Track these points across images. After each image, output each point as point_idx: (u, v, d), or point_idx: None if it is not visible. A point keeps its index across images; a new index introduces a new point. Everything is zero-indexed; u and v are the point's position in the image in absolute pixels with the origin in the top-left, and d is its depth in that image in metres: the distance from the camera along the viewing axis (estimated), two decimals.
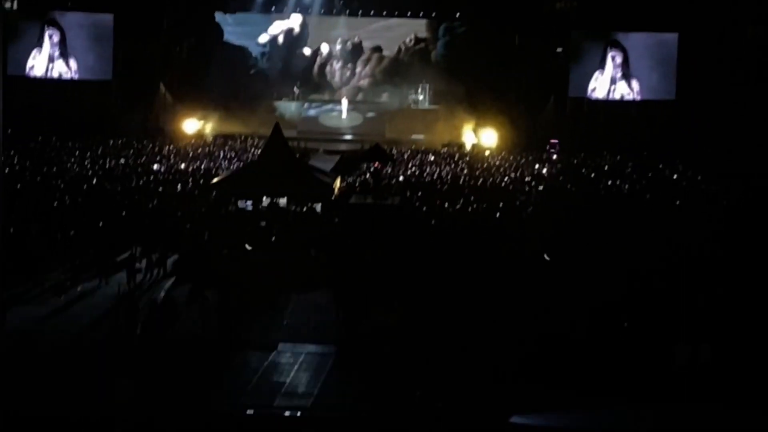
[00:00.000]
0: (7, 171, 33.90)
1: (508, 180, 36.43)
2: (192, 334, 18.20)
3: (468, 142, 48.89)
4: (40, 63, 51.27)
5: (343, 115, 55.35)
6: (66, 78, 51.41)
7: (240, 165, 38.20)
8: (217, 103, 51.94)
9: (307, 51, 58.77)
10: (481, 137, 48.82)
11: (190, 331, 18.35)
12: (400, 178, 36.03)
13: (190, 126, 50.11)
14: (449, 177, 36.84)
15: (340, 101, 55.74)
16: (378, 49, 58.44)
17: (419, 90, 56.40)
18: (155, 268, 22.85)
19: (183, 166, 37.92)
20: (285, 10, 57.28)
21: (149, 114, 51.39)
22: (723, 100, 46.72)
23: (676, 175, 39.51)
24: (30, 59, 51.02)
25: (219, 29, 57.28)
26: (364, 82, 58.35)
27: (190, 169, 37.14)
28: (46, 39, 51.02)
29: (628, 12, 48.92)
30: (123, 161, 38.69)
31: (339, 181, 32.26)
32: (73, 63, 51.21)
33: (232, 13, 57.11)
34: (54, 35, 51.06)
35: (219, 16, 57.02)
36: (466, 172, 38.52)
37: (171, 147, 44.23)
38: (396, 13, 56.81)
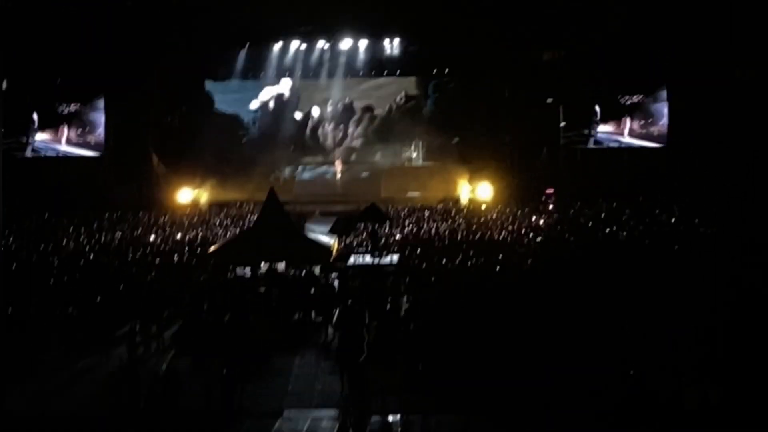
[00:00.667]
0: (1, 251, 33.92)
1: (506, 233, 36.33)
2: (196, 406, 18.04)
3: (464, 197, 48.86)
4: (34, 141, 51.44)
5: (338, 176, 55.42)
6: (59, 154, 51.51)
7: (237, 232, 38.16)
8: (211, 171, 51.94)
9: (298, 115, 58.97)
10: (477, 191, 48.80)
11: (195, 402, 18.17)
12: (398, 237, 35.97)
13: (185, 195, 50.11)
14: (447, 233, 36.76)
15: (333, 163, 55.79)
16: (369, 108, 58.62)
17: (412, 147, 56.50)
18: (156, 341, 22.71)
19: (179, 236, 37.82)
20: (274, 75, 57.56)
21: (143, 185, 51.35)
22: (714, 142, 46.80)
23: (674, 219, 39.39)
24: (23, 138, 51.23)
25: (209, 98, 57.51)
26: (356, 143, 58.44)
27: (187, 238, 37.05)
28: (38, 118, 51.24)
29: (617, 59, 49.11)
30: (119, 234, 38.55)
31: (336, 243, 32.14)
32: (65, 139, 51.35)
33: (222, 81, 57.36)
34: (45, 114, 51.29)
35: (209, 85, 57.27)
36: (464, 227, 38.43)
37: (166, 217, 44.15)
38: (385, 72, 57.08)
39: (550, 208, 44.79)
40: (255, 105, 58.43)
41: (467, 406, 17.38)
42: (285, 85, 58.17)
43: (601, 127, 51.12)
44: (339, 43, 54.97)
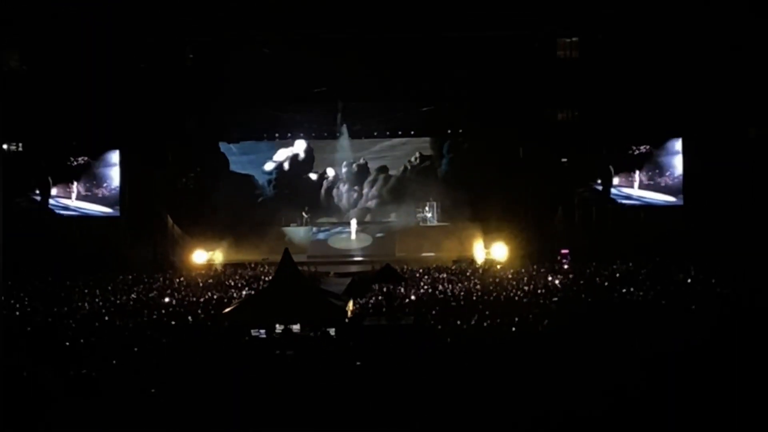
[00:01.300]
0: (17, 314, 33.91)
1: (521, 293, 36.15)
2: None
3: (478, 257, 48.70)
4: (49, 200, 51.64)
5: (352, 236, 55.34)
6: (73, 215, 51.65)
7: (251, 293, 38.08)
8: (226, 232, 52.04)
9: (313, 176, 59.20)
10: (492, 251, 48.63)
11: None
12: (413, 297, 35.82)
13: (200, 257, 50.11)
14: (462, 293, 36.60)
15: (348, 223, 55.81)
16: (384, 169, 58.90)
17: (427, 207, 56.58)
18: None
19: (194, 297, 37.75)
20: (288, 137, 57.85)
21: (158, 247, 51.44)
22: (730, 201, 46.76)
23: (690, 279, 39.16)
24: (40, 198, 51.47)
25: (224, 159, 57.78)
26: (371, 203, 58.62)
27: (202, 300, 36.98)
28: (54, 178, 51.44)
29: (630, 119, 49.23)
30: (134, 296, 38.50)
31: (351, 304, 32.05)
32: (80, 199, 51.52)
33: (236, 142, 57.69)
34: (59, 174, 51.43)
35: (223, 146, 57.60)
36: (479, 287, 38.27)
37: (181, 279, 44.12)
38: (399, 133, 57.31)
39: (566, 268, 44.56)
40: (270, 166, 58.72)
41: None
42: (299, 146, 58.55)
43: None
44: (353, 104, 55.19)
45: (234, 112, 54.23)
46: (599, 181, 51.38)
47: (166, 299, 37.29)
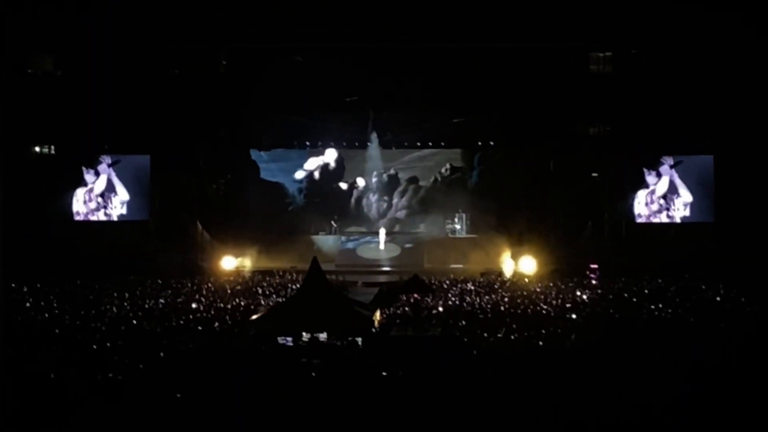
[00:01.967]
0: (47, 315, 34.06)
1: (549, 307, 36.01)
2: None
3: (507, 270, 48.55)
4: (86, 208, 51.82)
5: (381, 246, 55.20)
6: (104, 219, 51.82)
7: (279, 300, 38.11)
8: (255, 239, 52.16)
9: (343, 185, 59.22)
10: (520, 264, 48.50)
11: None
12: (440, 309, 35.74)
13: (228, 263, 50.23)
14: (489, 306, 36.49)
15: (377, 233, 55.76)
16: (414, 180, 58.85)
17: (456, 219, 56.44)
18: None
19: (221, 303, 37.80)
20: (319, 145, 57.89)
21: (187, 253, 51.54)
22: (761, 218, 46.54)
23: (719, 297, 38.91)
24: (73, 202, 51.70)
25: (255, 166, 57.88)
26: (401, 214, 58.56)
27: (229, 306, 37.03)
28: (96, 187, 51.64)
29: (662, 135, 49.08)
30: (162, 301, 38.60)
31: (378, 314, 32.00)
32: (111, 204, 51.69)
33: (267, 150, 57.78)
34: (103, 185, 51.66)
35: (254, 154, 57.70)
36: (507, 300, 38.15)
37: (209, 285, 44.21)
38: (429, 144, 57.26)
39: (594, 283, 44.37)
40: (300, 175, 58.76)
41: None
42: (330, 156, 58.55)
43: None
44: (384, 113, 55.17)
45: (265, 119, 54.34)
46: (634, 196, 51.11)
47: (194, 305, 37.36)
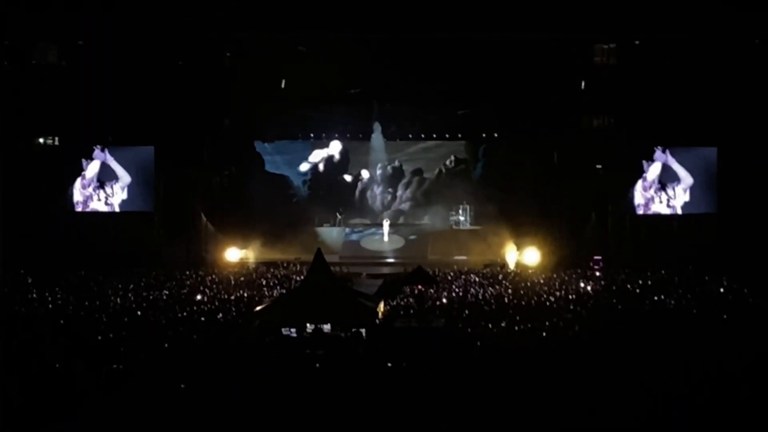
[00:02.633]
0: (50, 306, 34.14)
1: (553, 299, 36.06)
2: None
3: (511, 262, 48.59)
4: (83, 197, 51.78)
5: (385, 238, 55.19)
6: (108, 211, 51.80)
7: (283, 292, 38.17)
8: (259, 231, 52.15)
9: (347, 177, 59.15)
10: (524, 256, 48.54)
11: None
12: (444, 300, 35.79)
13: (232, 254, 50.31)
14: (493, 297, 36.54)
15: (381, 225, 55.77)
16: (418, 171, 58.74)
17: (460, 210, 56.42)
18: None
19: (226, 295, 37.87)
20: (324, 137, 57.84)
21: (191, 244, 51.58)
22: (764, 210, 46.56)
23: (722, 288, 38.93)
24: (74, 193, 51.67)
25: (259, 158, 57.81)
26: (405, 205, 58.49)
27: (233, 297, 37.10)
28: (88, 172, 51.56)
29: (666, 127, 49.02)
30: (166, 292, 38.66)
31: (382, 305, 32.05)
32: (114, 195, 51.68)
33: (271, 142, 57.70)
34: (95, 169, 51.58)
35: (259, 146, 57.58)
36: (511, 291, 38.21)
37: (213, 276, 44.28)
38: (434, 135, 57.19)
39: (598, 274, 44.40)
40: (305, 167, 58.66)
41: None
42: (335, 148, 58.44)
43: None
44: (388, 105, 55.09)
45: (269, 111, 54.28)
46: (633, 187, 51.04)
47: (198, 296, 37.47)
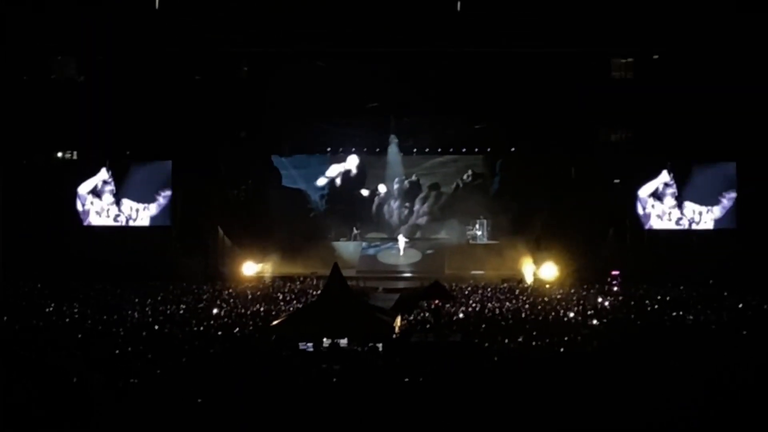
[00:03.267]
0: (68, 320, 34.15)
1: (571, 314, 35.90)
2: None
3: (528, 276, 48.47)
4: (100, 211, 51.87)
5: (401, 252, 55.19)
6: (125, 225, 51.90)
7: (299, 306, 38.12)
8: (276, 246, 52.23)
9: (365, 192, 59.16)
10: (541, 270, 48.40)
11: None
12: (461, 315, 35.67)
13: (249, 269, 50.34)
14: (510, 312, 36.41)
15: (398, 239, 55.72)
16: (435, 186, 58.78)
17: (477, 225, 56.36)
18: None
19: (242, 309, 37.83)
20: (341, 151, 57.91)
21: (208, 258, 51.64)
22: None
23: (742, 304, 38.69)
24: (90, 208, 51.75)
25: (277, 173, 57.89)
26: (422, 220, 58.52)
27: (250, 312, 37.06)
28: (106, 187, 51.66)
29: (685, 142, 48.87)
30: (183, 306, 38.65)
31: (399, 320, 31.96)
32: (132, 209, 51.76)
33: (288, 156, 57.80)
34: (113, 183, 51.67)
35: (276, 160, 57.70)
36: (528, 306, 38.07)
37: (230, 290, 44.28)
38: (450, 150, 57.21)
39: (616, 289, 44.21)
40: (322, 182, 58.74)
41: None
42: (352, 162, 58.51)
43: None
44: (405, 119, 55.13)
45: (286, 125, 54.44)
46: (651, 203, 50.88)
47: (215, 310, 37.41)
